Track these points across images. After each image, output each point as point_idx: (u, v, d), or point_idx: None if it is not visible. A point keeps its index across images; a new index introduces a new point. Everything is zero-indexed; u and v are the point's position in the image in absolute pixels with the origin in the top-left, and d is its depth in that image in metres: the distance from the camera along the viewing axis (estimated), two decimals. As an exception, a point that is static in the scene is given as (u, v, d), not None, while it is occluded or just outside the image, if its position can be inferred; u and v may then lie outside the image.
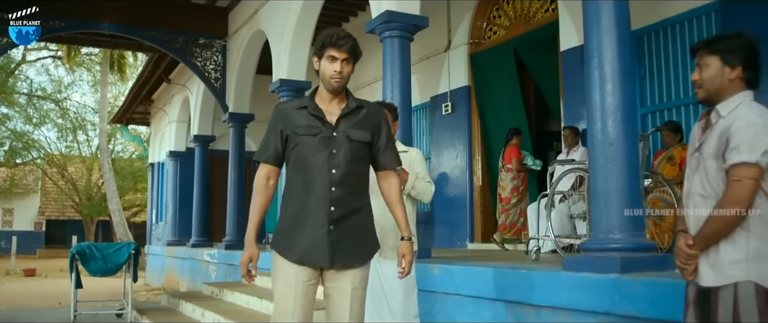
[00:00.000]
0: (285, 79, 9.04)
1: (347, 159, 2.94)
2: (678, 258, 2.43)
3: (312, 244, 2.88)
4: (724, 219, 2.26)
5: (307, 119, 2.96)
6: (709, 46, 2.47)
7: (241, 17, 11.17)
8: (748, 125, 2.25)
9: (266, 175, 3.05)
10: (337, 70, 2.91)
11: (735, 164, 2.26)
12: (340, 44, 2.90)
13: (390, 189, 3.15)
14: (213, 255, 11.29)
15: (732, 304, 2.24)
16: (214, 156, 14.08)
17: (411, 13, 6.37)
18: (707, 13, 6.60)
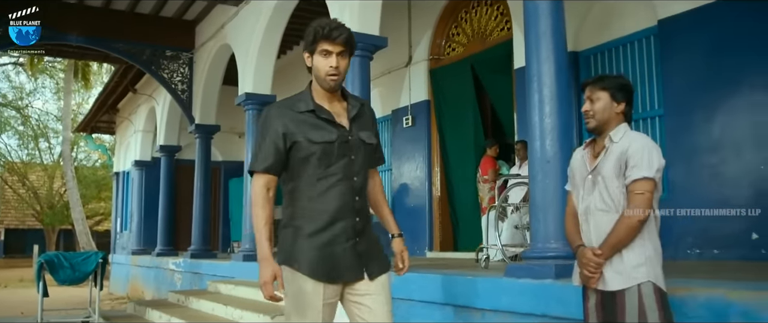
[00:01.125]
0: (251, 93, 9.32)
1: (363, 165, 2.77)
2: (586, 269, 2.74)
3: (342, 259, 2.68)
4: (630, 227, 2.62)
5: (316, 123, 2.70)
6: (600, 84, 2.85)
7: (208, 31, 11.42)
8: (643, 147, 2.65)
9: (265, 185, 2.71)
10: (333, 66, 2.64)
11: (637, 180, 2.63)
12: (334, 36, 2.62)
13: (375, 188, 2.97)
14: (178, 264, 11.47)
15: (637, 303, 2.61)
16: (179, 166, 14.26)
17: (371, 34, 6.73)
18: (647, 36, 7.08)
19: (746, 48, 6.06)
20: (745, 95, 6.08)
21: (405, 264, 2.97)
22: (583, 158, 2.91)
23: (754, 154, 5.99)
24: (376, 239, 2.86)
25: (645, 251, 2.65)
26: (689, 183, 6.48)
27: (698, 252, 6.33)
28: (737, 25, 6.15)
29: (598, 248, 2.72)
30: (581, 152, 2.95)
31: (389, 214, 3.00)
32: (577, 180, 2.92)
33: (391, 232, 2.97)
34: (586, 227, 2.82)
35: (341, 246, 2.67)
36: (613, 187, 2.70)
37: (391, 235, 2.97)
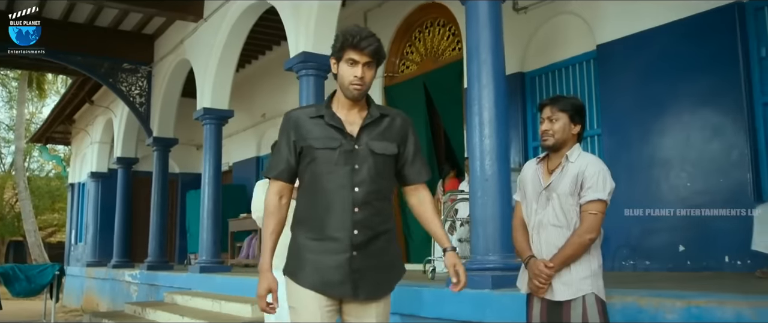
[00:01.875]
0: (209, 108, 9.51)
1: (371, 176, 2.59)
2: (537, 280, 2.92)
3: (332, 273, 2.53)
4: (582, 244, 2.83)
5: (324, 129, 2.60)
6: (560, 105, 3.00)
7: (167, 45, 11.56)
8: (599, 171, 2.87)
9: (278, 192, 2.65)
10: (358, 76, 2.55)
11: (592, 201, 2.84)
12: (363, 46, 2.53)
13: (422, 204, 2.81)
14: (135, 276, 11.53)
15: (581, 312, 2.84)
16: (137, 178, 14.30)
17: (326, 54, 7.00)
18: (587, 60, 7.52)
19: (676, 72, 6.51)
20: (674, 116, 6.53)
21: (460, 279, 2.67)
22: (536, 173, 3.04)
23: (682, 171, 6.43)
24: (391, 261, 2.68)
25: (591, 265, 2.89)
26: (625, 198, 6.89)
27: (632, 264, 6.74)
28: (668, 50, 6.59)
29: (549, 261, 2.89)
30: (534, 167, 3.08)
31: (439, 228, 2.79)
32: (530, 194, 3.05)
33: (442, 246, 2.75)
34: (537, 239, 2.98)
35: (333, 259, 2.53)
36: (567, 204, 2.89)
37: (443, 250, 2.75)
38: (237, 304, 7.05)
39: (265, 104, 13.65)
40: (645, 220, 6.67)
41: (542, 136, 3.02)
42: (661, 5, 6.65)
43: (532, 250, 3.02)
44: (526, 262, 3.01)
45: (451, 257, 2.71)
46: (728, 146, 6.09)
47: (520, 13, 8.13)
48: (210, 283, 8.65)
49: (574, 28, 7.61)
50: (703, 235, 6.16)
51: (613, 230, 6.87)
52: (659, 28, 6.67)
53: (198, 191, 11.80)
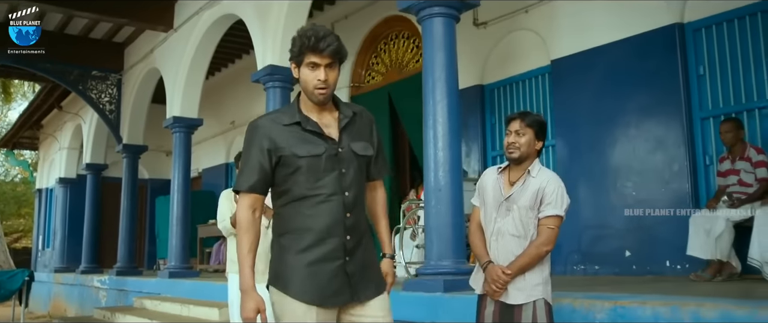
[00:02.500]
0: (178, 116, 9.72)
1: (357, 177, 2.55)
2: (495, 284, 3.14)
3: (329, 283, 2.45)
4: (539, 255, 3.10)
5: (303, 136, 2.50)
6: (527, 120, 3.20)
7: (138, 54, 11.73)
8: (558, 188, 3.12)
9: (251, 206, 2.51)
10: (322, 79, 2.44)
11: (550, 216, 3.09)
12: (322, 48, 2.42)
13: (376, 202, 2.77)
14: (103, 281, 11.65)
15: (532, 315, 3.12)
16: (106, 183, 14.38)
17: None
18: (542, 74, 7.89)
19: (623, 87, 6.90)
20: (621, 129, 6.92)
21: (387, 286, 2.68)
22: (497, 183, 3.22)
23: (628, 181, 6.82)
24: (373, 259, 2.63)
25: (542, 273, 3.16)
26: (576, 206, 7.26)
27: (582, 268, 7.12)
28: (615, 66, 6.99)
29: (507, 267, 3.11)
30: (495, 176, 3.25)
31: (385, 231, 2.78)
32: (489, 201, 3.22)
33: (383, 251, 2.76)
34: (495, 246, 3.19)
35: (329, 266, 2.46)
36: (526, 217, 3.12)
37: (382, 254, 2.74)
38: (205, 308, 7.28)
39: (234, 112, 13.85)
40: (595, 227, 7.06)
41: (508, 148, 3.19)
42: (609, 24, 7.05)
43: (489, 255, 3.22)
44: (485, 267, 3.21)
45: (385, 264, 2.72)
46: (670, 157, 6.50)
47: (480, 28, 8.49)
48: (179, 288, 8.85)
49: (530, 43, 7.98)
50: (647, 241, 6.55)
51: (565, 236, 7.24)
52: (608, 45, 7.07)
53: (167, 197, 11.95)
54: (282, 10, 7.49)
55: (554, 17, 7.63)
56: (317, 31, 2.44)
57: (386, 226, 2.80)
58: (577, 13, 7.38)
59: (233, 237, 4.79)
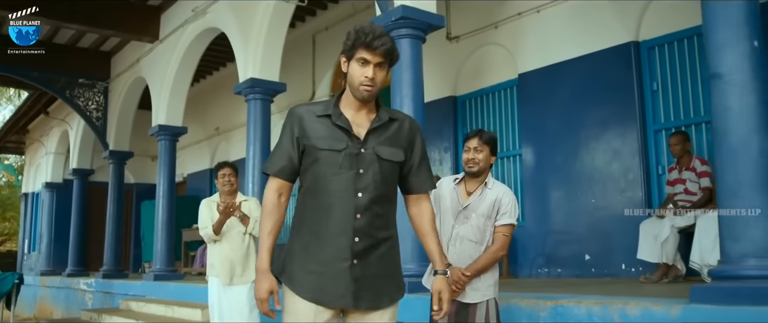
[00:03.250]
0: (163, 124, 10.06)
1: (376, 181, 2.44)
2: (455, 285, 3.46)
3: (331, 281, 2.38)
4: (495, 259, 3.48)
5: (330, 129, 2.46)
6: (483, 138, 3.55)
7: (124, 63, 12.06)
8: (512, 200, 3.51)
9: (277, 190, 2.50)
10: (369, 77, 2.39)
11: (505, 224, 3.48)
12: (375, 46, 2.38)
13: (422, 216, 2.65)
14: (90, 284, 11.95)
15: (485, 313, 3.51)
16: (92, 188, 14.65)
17: (271, 80, 7.68)
18: (511, 86, 8.32)
19: (584, 101, 7.34)
20: (582, 140, 7.36)
21: (442, 306, 2.54)
22: (455, 192, 3.51)
23: (588, 189, 7.25)
24: (392, 271, 2.52)
25: (494, 275, 3.55)
26: (541, 213, 7.71)
27: (547, 271, 7.54)
28: (577, 81, 7.42)
29: (466, 269, 3.41)
30: (452, 185, 3.54)
31: (435, 247, 2.62)
32: (447, 209, 3.50)
33: (434, 267, 2.61)
34: (453, 250, 3.49)
35: (333, 267, 2.38)
36: (483, 224, 3.49)
37: (434, 271, 2.60)
38: (188, 309, 7.63)
39: (218, 118, 14.19)
40: (558, 232, 7.49)
41: (468, 163, 3.49)
42: (571, 41, 7.48)
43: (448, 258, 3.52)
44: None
45: (439, 281, 2.56)
46: (625, 167, 6.94)
47: (452, 42, 8.91)
48: (163, 290, 9.19)
49: (499, 57, 8.41)
50: (605, 245, 6.99)
51: (531, 241, 7.71)
52: (570, 61, 7.50)
53: (153, 201, 12.27)
54: (263, 26, 7.86)
55: (521, 33, 8.07)
56: (375, 30, 2.41)
57: (436, 242, 2.63)
58: (542, 30, 7.82)
59: (213, 243, 5.18)
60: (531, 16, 7.95)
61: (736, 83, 3.41)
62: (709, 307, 3.32)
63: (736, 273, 3.31)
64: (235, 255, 5.12)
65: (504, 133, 8.36)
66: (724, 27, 3.49)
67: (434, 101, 8.90)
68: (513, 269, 7.81)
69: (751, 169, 3.33)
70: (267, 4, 7.76)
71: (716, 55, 3.50)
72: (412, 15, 5.51)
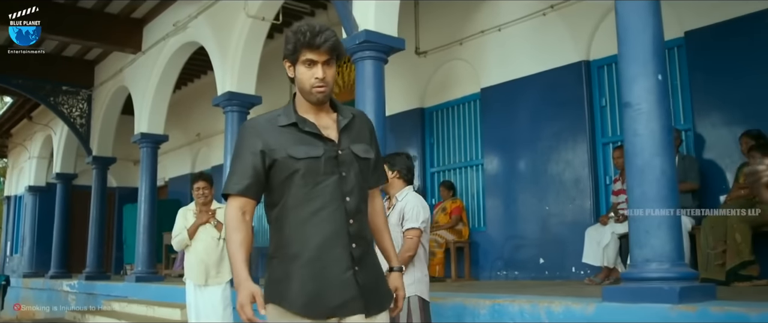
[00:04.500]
0: (145, 133, 10.49)
1: (359, 182, 2.37)
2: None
3: (340, 291, 2.25)
4: (404, 259, 3.93)
5: (300, 138, 2.33)
6: (390, 163, 4.12)
7: (108, 72, 12.46)
8: (414, 206, 4.02)
9: (241, 208, 2.32)
10: (320, 77, 2.28)
11: (409, 229, 3.99)
12: (318, 44, 2.26)
13: (375, 212, 2.56)
14: (73, 286, 12.33)
15: (406, 310, 3.98)
16: (75, 192, 15.00)
17: (248, 93, 8.16)
18: (474, 100, 8.85)
19: (539, 115, 7.88)
20: (538, 151, 7.89)
21: (397, 304, 2.55)
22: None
23: (543, 197, 7.79)
24: (382, 272, 2.48)
25: (415, 274, 3.99)
26: (501, 219, 8.25)
27: (504, 274, 8.07)
28: (533, 96, 7.96)
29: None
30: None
31: (390, 244, 2.61)
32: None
33: (390, 264, 2.60)
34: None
35: (340, 278, 2.26)
36: (396, 232, 3.93)
37: (389, 268, 2.59)
38: (168, 309, 8.08)
39: (199, 124, 14.60)
40: (516, 237, 8.03)
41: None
42: (529, 59, 8.02)
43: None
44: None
45: (395, 278, 2.57)
46: (576, 177, 7.48)
47: (421, 57, 9.42)
48: (145, 291, 9.62)
49: (464, 72, 8.94)
50: (557, 250, 7.53)
51: (491, 245, 8.24)
52: (528, 77, 8.04)
53: (135, 205, 12.62)
54: (240, 41, 8.33)
55: (484, 50, 8.60)
56: (312, 27, 2.28)
57: (390, 238, 2.63)
58: (502, 48, 8.35)
59: (188, 249, 5.67)
60: (493, 34, 8.48)
61: (644, 111, 3.93)
62: (618, 305, 3.85)
63: (640, 275, 3.84)
64: (209, 258, 5.61)
65: (468, 143, 8.90)
66: (634, 62, 4.02)
67: (403, 112, 9.42)
68: (474, 271, 8.33)
69: (654, 186, 3.86)
70: (244, 21, 8.23)
71: (628, 86, 4.04)
72: (375, 39, 6.00)
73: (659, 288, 3.70)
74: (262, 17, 8.14)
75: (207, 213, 5.69)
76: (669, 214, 3.83)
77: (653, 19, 4.07)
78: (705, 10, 6.51)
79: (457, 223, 8.14)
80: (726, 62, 6.35)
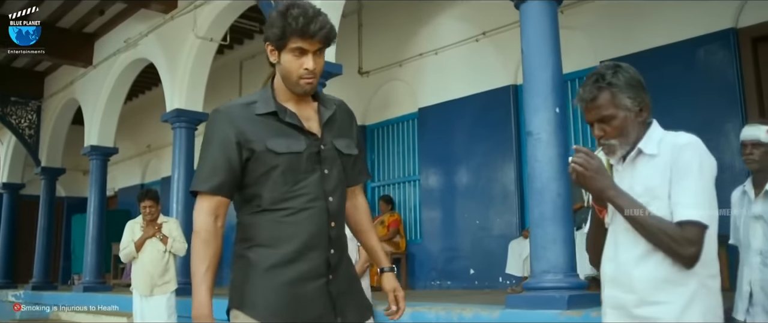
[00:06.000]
0: (96, 145, 10.71)
1: (341, 181, 2.16)
2: None
3: (311, 303, 2.03)
4: (363, 270, 4.46)
5: (280, 129, 2.07)
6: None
7: (58, 84, 12.60)
8: None
9: (213, 212, 2.04)
10: (310, 68, 2.04)
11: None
12: (313, 32, 2.01)
13: (358, 211, 2.38)
14: (18, 296, 12.37)
15: None
16: (23, 201, 14.97)
17: (195, 111, 8.51)
18: (413, 119, 9.37)
19: (471, 135, 8.43)
20: (470, 170, 8.45)
21: (399, 305, 2.31)
22: None
23: (474, 211, 8.33)
24: (356, 276, 2.27)
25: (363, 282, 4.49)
26: (435, 231, 8.76)
27: (438, 284, 8.58)
28: (466, 117, 8.51)
29: None
30: None
31: (377, 244, 2.40)
32: None
33: (380, 265, 2.36)
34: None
35: (311, 285, 2.04)
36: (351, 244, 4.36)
37: (380, 269, 2.36)
38: (115, 318, 8.35)
39: (150, 135, 14.80)
40: (449, 249, 8.55)
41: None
42: (462, 82, 8.58)
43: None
44: None
45: (389, 279, 2.34)
46: (504, 193, 8.04)
47: (363, 76, 9.90)
48: (92, 301, 9.81)
49: (403, 92, 9.46)
50: (486, 261, 8.07)
51: (426, 256, 8.74)
52: (462, 99, 8.60)
53: (84, 215, 12.73)
54: (189, 60, 8.68)
55: (422, 72, 9.13)
56: (305, 10, 2.02)
57: (376, 237, 2.42)
58: (439, 70, 8.89)
59: (134, 261, 6.02)
60: (430, 57, 9.02)
61: (543, 140, 4.47)
62: (519, 311, 4.36)
63: (537, 285, 4.36)
64: (155, 269, 5.97)
65: (406, 160, 9.42)
66: (535, 96, 4.57)
67: (346, 129, 9.85)
68: (410, 282, 8.81)
69: (550, 207, 4.40)
70: (193, 41, 8.58)
71: (530, 117, 4.57)
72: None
73: (552, 297, 4.23)
74: (211, 38, 8.50)
75: (153, 227, 6.06)
76: (563, 231, 4.37)
77: (553, 59, 4.63)
78: (618, 42, 7.14)
79: (395, 235, 8.62)
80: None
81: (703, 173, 1.89)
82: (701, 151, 1.92)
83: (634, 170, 2.00)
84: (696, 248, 1.85)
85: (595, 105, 2.00)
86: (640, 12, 7.04)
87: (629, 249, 1.96)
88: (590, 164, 1.97)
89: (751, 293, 3.24)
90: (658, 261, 1.90)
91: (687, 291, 1.88)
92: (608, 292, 2.05)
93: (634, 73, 2.02)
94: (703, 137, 1.97)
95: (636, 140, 2.00)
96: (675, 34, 6.79)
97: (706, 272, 1.91)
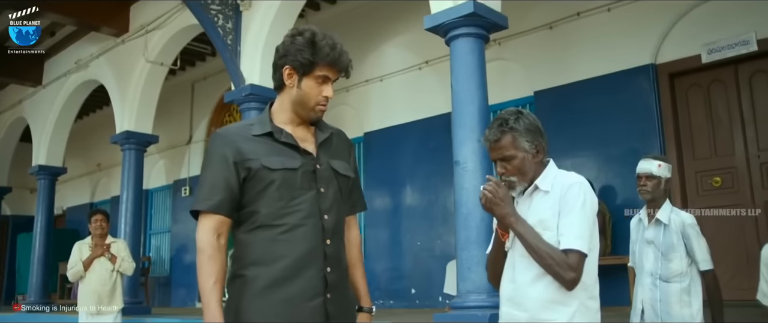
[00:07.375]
0: (44, 165, 10.75)
1: (338, 200, 2.17)
2: None
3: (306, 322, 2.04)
4: None
5: (276, 148, 2.10)
6: None
7: (6, 102, 12.59)
8: None
9: (215, 230, 2.05)
10: (330, 96, 2.13)
11: None
12: (344, 65, 2.11)
13: (351, 243, 2.32)
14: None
15: None
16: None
17: (145, 133, 8.69)
18: (359, 143, 9.66)
19: (414, 159, 8.79)
20: (413, 192, 8.79)
21: None
22: None
23: (416, 234, 8.67)
24: (353, 297, 2.26)
25: None
26: (378, 252, 9.06)
27: (381, 303, 8.86)
28: (409, 142, 8.87)
29: None
30: None
31: (362, 280, 2.35)
32: None
33: (360, 303, 2.31)
34: None
35: (308, 305, 2.03)
36: None
37: (359, 307, 2.30)
38: (60, 338, 8.40)
39: (100, 154, 14.76)
40: (391, 269, 8.86)
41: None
42: (405, 108, 8.95)
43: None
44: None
45: (364, 319, 2.29)
46: (443, 216, 8.39)
47: (312, 101, 10.16)
48: (37, 320, 9.82)
49: (349, 117, 9.76)
50: (426, 281, 8.40)
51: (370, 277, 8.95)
52: (405, 124, 8.96)
53: (30, 234, 12.66)
54: (139, 83, 8.87)
55: (367, 98, 9.47)
56: (334, 40, 2.10)
57: (363, 274, 2.37)
58: (384, 96, 9.24)
59: (82, 280, 6.17)
60: (376, 84, 9.37)
61: (469, 169, 4.83)
62: (445, 329, 4.69)
63: (463, 304, 4.70)
64: (102, 288, 6.11)
65: (353, 182, 9.69)
66: (462, 128, 4.93)
67: (295, 151, 10.10)
68: (355, 300, 9.06)
69: (475, 232, 4.75)
70: (144, 65, 8.77)
71: (458, 147, 4.93)
72: (260, 92, 6.75)
73: (475, 315, 4.56)
74: (161, 62, 8.70)
75: (102, 247, 6.20)
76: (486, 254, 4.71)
77: (480, 93, 5.00)
78: (552, 74, 7.60)
79: (340, 256, 8.87)
80: (570, 117, 7.40)
81: (585, 209, 2.20)
82: (585, 190, 2.23)
83: (530, 203, 2.29)
84: (576, 273, 2.15)
85: (498, 146, 2.29)
86: (572, 46, 7.52)
87: (524, 271, 2.25)
88: (498, 192, 2.25)
89: (643, 310, 3.61)
90: (548, 283, 2.19)
91: (569, 310, 2.17)
92: (504, 310, 2.34)
93: (533, 120, 2.31)
94: (626, 160, 2.31)
95: (533, 177, 2.29)
96: (602, 67, 7.27)
97: (587, 294, 2.22)
